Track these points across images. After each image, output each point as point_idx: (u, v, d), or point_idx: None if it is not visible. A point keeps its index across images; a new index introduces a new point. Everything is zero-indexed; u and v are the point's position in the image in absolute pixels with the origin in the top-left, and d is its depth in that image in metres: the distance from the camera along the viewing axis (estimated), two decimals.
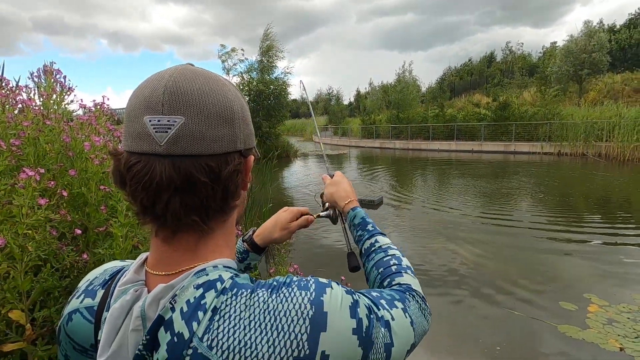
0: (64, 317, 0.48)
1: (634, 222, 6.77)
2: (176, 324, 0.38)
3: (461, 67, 48.71)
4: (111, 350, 0.40)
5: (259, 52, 20.56)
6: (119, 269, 0.49)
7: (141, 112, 0.41)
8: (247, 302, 0.40)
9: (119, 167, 0.43)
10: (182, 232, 0.43)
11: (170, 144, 0.40)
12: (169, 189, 0.40)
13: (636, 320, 3.36)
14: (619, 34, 31.42)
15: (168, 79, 0.42)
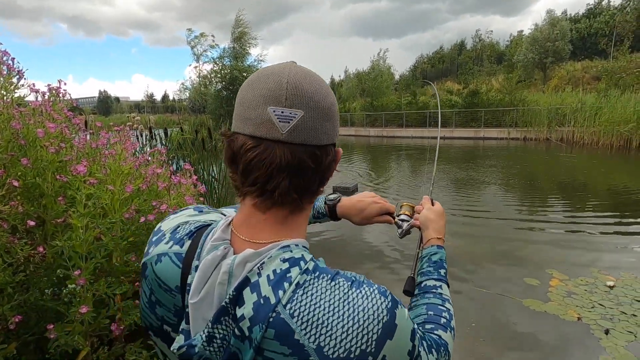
0: (152, 256, 0.53)
1: (591, 203, 7.22)
2: (263, 288, 0.44)
3: (433, 54, 49.45)
4: (200, 296, 0.46)
5: (231, 38, 19.96)
6: (203, 224, 0.55)
7: (264, 102, 0.47)
8: (327, 286, 0.45)
9: (233, 147, 0.49)
10: (278, 205, 0.50)
11: (290, 133, 0.47)
12: (284, 170, 0.47)
13: (592, 292, 3.61)
14: (580, 24, 32.86)
15: (288, 76, 0.48)
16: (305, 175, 0.49)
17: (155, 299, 0.52)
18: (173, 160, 5.13)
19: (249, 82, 0.51)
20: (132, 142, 2.08)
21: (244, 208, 0.52)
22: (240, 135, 0.49)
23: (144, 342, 1.51)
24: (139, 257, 1.65)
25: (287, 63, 0.52)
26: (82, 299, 1.34)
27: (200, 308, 0.46)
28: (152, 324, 0.54)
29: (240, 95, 0.51)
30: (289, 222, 0.51)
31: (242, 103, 0.50)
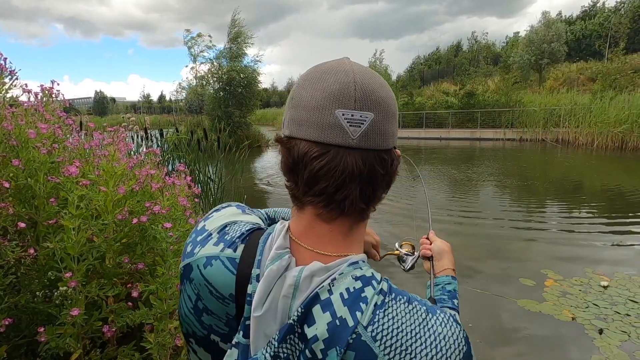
0: (199, 258, 0.49)
1: (586, 204, 7.27)
2: (337, 308, 0.41)
3: (429, 55, 49.64)
4: (263, 309, 0.42)
5: (228, 39, 19.91)
6: (253, 227, 0.51)
7: (331, 104, 0.43)
8: (406, 309, 0.43)
9: (293, 154, 0.45)
10: (344, 215, 0.46)
11: (361, 138, 0.44)
12: (355, 179, 0.44)
13: (586, 292, 3.63)
14: (575, 25, 33.10)
15: (354, 74, 0.45)
16: (375, 183, 0.46)
17: (202, 306, 0.48)
18: (169, 161, 5.11)
19: (307, 81, 0.47)
20: (127, 142, 2.07)
21: (303, 217, 0.48)
22: (301, 141, 0.45)
23: (137, 344, 1.50)
24: (132, 259, 1.64)
25: (343, 59, 0.48)
26: (73, 301, 1.33)
27: (262, 322, 0.42)
28: (195, 333, 0.50)
29: (298, 96, 0.47)
30: (353, 233, 0.49)
31: (301, 105, 0.46)
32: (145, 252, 1.71)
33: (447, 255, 0.87)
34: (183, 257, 0.53)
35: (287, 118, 0.49)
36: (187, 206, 1.80)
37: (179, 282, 0.53)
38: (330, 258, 0.46)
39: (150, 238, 1.63)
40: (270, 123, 42.47)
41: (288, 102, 0.49)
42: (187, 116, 21.25)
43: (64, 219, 1.35)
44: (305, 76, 0.48)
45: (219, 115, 19.11)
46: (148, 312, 1.42)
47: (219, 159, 5.80)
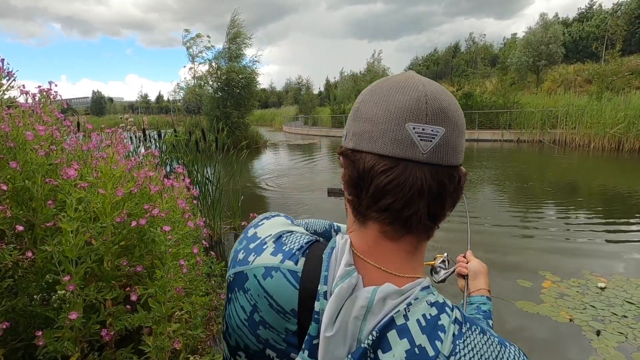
0: (256, 267, 0.47)
1: (584, 205, 7.30)
2: (415, 335, 0.40)
3: (427, 56, 49.76)
4: (335, 329, 0.40)
5: (226, 39, 19.90)
6: (312, 240, 0.50)
7: (402, 117, 0.43)
8: (481, 340, 0.43)
9: (358, 167, 0.45)
10: (411, 234, 0.45)
11: (431, 153, 0.43)
12: (424, 195, 0.43)
13: (584, 293, 3.64)
14: (572, 27, 33.27)
15: (424, 88, 0.44)
16: (443, 200, 0.45)
17: (259, 319, 0.46)
18: (167, 162, 5.09)
19: (375, 94, 0.46)
20: (125, 144, 2.06)
21: (367, 232, 0.47)
22: (367, 154, 0.44)
23: (135, 347, 1.49)
24: (130, 262, 1.63)
25: (410, 73, 0.48)
26: (71, 305, 1.32)
27: (332, 343, 0.40)
28: (248, 346, 0.47)
29: (365, 109, 0.46)
30: (417, 251, 0.48)
31: (368, 118, 0.45)
32: (144, 255, 1.70)
33: (483, 276, 0.87)
34: (233, 264, 0.51)
35: (351, 131, 0.48)
36: (186, 209, 1.79)
37: (227, 291, 0.51)
38: (399, 279, 0.45)
39: (149, 241, 1.63)
40: (268, 124, 42.44)
41: (352, 115, 0.48)
42: (185, 116, 21.21)
43: (62, 221, 1.34)
44: (373, 89, 0.47)
45: (217, 116, 19.09)
46: (146, 315, 1.41)
47: (217, 160, 5.78)
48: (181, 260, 1.48)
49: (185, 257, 1.64)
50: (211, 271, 2.15)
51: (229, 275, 0.51)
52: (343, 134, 0.51)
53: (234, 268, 0.50)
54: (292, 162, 14.82)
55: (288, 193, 8.85)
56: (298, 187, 9.49)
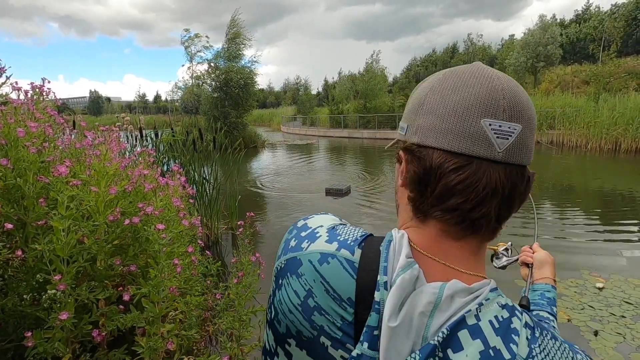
0: (310, 253, 0.46)
1: (581, 205, 7.32)
2: (489, 336, 0.39)
3: (425, 57, 49.85)
4: (399, 320, 0.39)
5: (226, 38, 19.87)
6: (366, 234, 0.48)
7: (476, 112, 0.41)
8: (555, 347, 0.42)
9: (424, 164, 0.43)
10: (475, 234, 0.44)
11: (507, 151, 0.41)
12: (497, 196, 0.41)
13: (582, 293, 3.64)
14: (569, 29, 33.42)
15: (500, 81, 0.42)
16: (514, 201, 0.43)
17: (314, 304, 0.44)
18: (164, 161, 5.06)
19: (443, 86, 0.44)
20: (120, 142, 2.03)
21: (426, 230, 0.45)
22: (435, 150, 0.42)
23: (128, 348, 1.46)
24: (124, 261, 1.61)
25: (477, 63, 0.45)
26: (62, 305, 1.30)
27: (395, 335, 0.39)
28: (301, 332, 0.45)
29: (432, 102, 0.44)
30: (480, 251, 0.46)
31: (436, 111, 0.43)
32: (138, 254, 1.68)
33: (550, 266, 0.87)
34: (285, 251, 0.49)
35: (414, 124, 0.45)
36: (181, 207, 1.77)
37: (275, 279, 0.49)
38: (464, 276, 0.43)
39: (143, 240, 1.60)
40: (266, 124, 42.39)
41: (415, 107, 0.46)
42: (182, 116, 21.16)
43: (54, 220, 1.31)
44: (440, 80, 0.45)
45: (215, 116, 19.05)
46: (140, 316, 1.38)
47: (214, 159, 5.76)
48: (175, 259, 1.45)
49: (180, 257, 1.61)
50: (207, 271, 2.12)
51: (280, 263, 0.49)
52: (401, 127, 0.49)
53: (286, 255, 0.48)
54: (290, 162, 14.79)
55: (286, 193, 8.83)
56: (296, 187, 9.47)
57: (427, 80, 0.49)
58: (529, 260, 0.89)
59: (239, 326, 1.71)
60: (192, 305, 1.64)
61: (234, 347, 1.67)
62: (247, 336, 1.75)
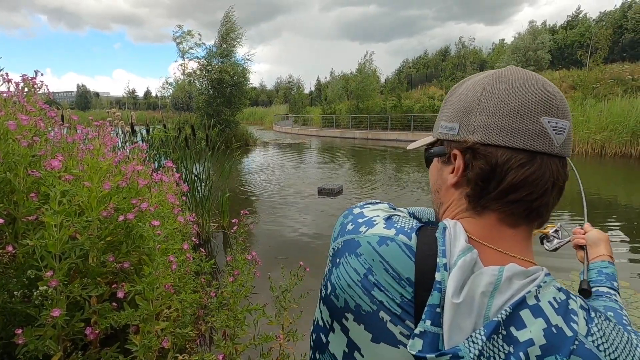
0: (369, 236, 0.48)
1: (568, 209, 7.47)
2: (550, 316, 0.41)
3: (417, 59, 50.27)
4: (462, 298, 0.41)
5: (218, 36, 19.70)
6: (421, 224, 0.50)
7: (536, 111, 0.45)
8: (610, 327, 0.43)
9: (490, 161, 0.45)
10: (529, 223, 0.48)
11: (562, 145, 0.46)
12: (556, 187, 0.46)
13: None
14: (558, 35, 34.08)
15: (546, 84, 0.47)
16: (562, 192, 0.48)
17: (374, 280, 0.46)
18: (155, 158, 4.99)
19: (500, 87, 0.47)
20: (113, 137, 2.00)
21: (481, 221, 0.48)
22: (499, 148, 0.45)
23: (121, 346, 1.44)
24: (117, 258, 1.58)
25: (515, 67, 0.49)
26: (54, 302, 1.27)
27: (459, 311, 0.41)
28: (360, 306, 0.46)
29: (491, 102, 0.47)
30: (530, 237, 0.49)
31: (497, 111, 0.46)
32: (131, 251, 1.65)
33: (604, 244, 0.88)
34: (342, 233, 0.52)
35: (471, 124, 0.48)
36: (176, 203, 1.75)
37: (332, 259, 0.51)
38: (519, 261, 0.46)
39: (137, 236, 1.58)
40: (258, 122, 42.16)
41: (469, 108, 0.49)
42: (173, 113, 20.91)
43: (45, 215, 1.28)
44: (492, 82, 0.48)
45: (207, 113, 18.87)
46: (133, 313, 1.37)
47: (207, 157, 5.70)
48: (171, 256, 1.43)
49: (175, 254, 1.59)
50: (200, 269, 2.10)
51: (337, 244, 0.51)
52: (447, 127, 0.52)
53: (343, 237, 0.51)
54: (282, 161, 14.75)
55: (277, 192, 8.80)
56: (288, 187, 9.44)
57: (470, 82, 0.52)
58: (582, 242, 0.90)
59: (234, 324, 1.70)
60: (186, 303, 1.62)
61: (228, 345, 1.66)
62: (241, 335, 1.74)
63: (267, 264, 4.49)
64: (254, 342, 1.73)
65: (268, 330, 1.90)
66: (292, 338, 1.86)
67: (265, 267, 4.43)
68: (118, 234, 1.64)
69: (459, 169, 0.49)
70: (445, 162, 0.52)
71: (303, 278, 1.92)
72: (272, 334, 1.81)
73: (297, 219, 6.47)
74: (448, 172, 0.51)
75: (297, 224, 6.19)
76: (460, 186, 0.50)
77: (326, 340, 0.50)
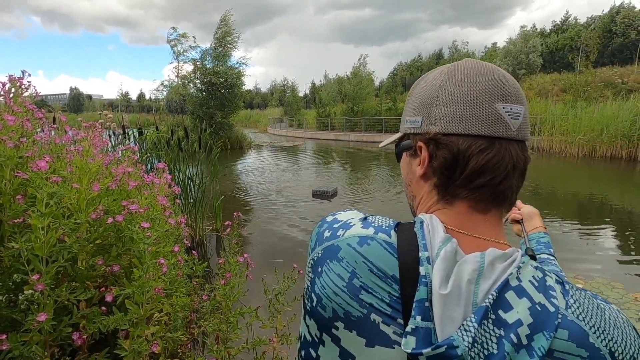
0: (347, 238, 0.48)
1: (561, 209, 7.54)
2: (533, 294, 0.42)
3: (411, 62, 50.62)
4: (449, 289, 0.41)
5: (214, 38, 19.64)
6: (398, 222, 0.51)
7: (491, 98, 0.46)
8: (584, 296, 0.45)
9: (452, 149, 0.47)
10: (500, 206, 0.49)
11: (519, 129, 0.47)
12: (517, 169, 0.48)
13: None
14: (549, 38, 34.57)
15: (499, 71, 0.49)
16: (523, 175, 0.50)
17: (360, 284, 0.45)
18: (148, 160, 4.94)
19: (455, 78, 0.49)
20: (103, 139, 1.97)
21: (453, 210, 0.50)
22: (460, 137, 0.47)
23: (110, 351, 1.41)
24: (106, 261, 1.55)
25: (470, 60, 0.51)
26: (41, 306, 1.24)
27: (448, 302, 0.41)
28: (349, 312, 0.45)
29: (448, 93, 0.48)
30: (501, 222, 0.51)
31: (455, 101, 0.48)
32: (121, 254, 1.62)
33: (537, 217, 0.95)
34: (320, 242, 0.51)
35: (432, 116, 0.50)
36: (167, 205, 1.72)
37: (312, 269, 0.50)
38: (495, 244, 0.47)
39: (127, 239, 1.55)
40: (253, 125, 42.07)
41: (428, 100, 0.50)
42: (167, 115, 20.78)
43: (32, 217, 1.25)
44: (448, 75, 0.50)
45: (201, 116, 18.77)
46: (123, 317, 1.34)
47: (200, 159, 5.67)
48: (161, 259, 1.41)
49: (166, 256, 1.57)
50: (192, 272, 2.07)
51: (315, 253, 0.51)
52: (411, 121, 0.53)
53: (322, 244, 0.50)
54: (277, 164, 14.71)
55: (272, 195, 8.77)
56: (282, 189, 9.42)
57: (430, 77, 0.53)
58: (518, 216, 0.96)
59: (226, 328, 1.67)
60: (178, 307, 1.59)
61: (220, 349, 1.63)
62: (234, 338, 1.72)
63: (261, 266, 4.46)
64: (247, 345, 1.71)
65: (261, 333, 1.88)
66: (286, 341, 1.83)
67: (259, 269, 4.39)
68: (108, 237, 1.61)
69: (424, 161, 0.51)
70: (412, 155, 0.54)
71: (296, 281, 1.90)
72: (266, 337, 1.78)
73: (291, 222, 6.45)
74: (416, 165, 0.53)
75: (291, 227, 6.17)
76: (428, 177, 0.51)
77: (316, 354, 0.48)
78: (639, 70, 23.61)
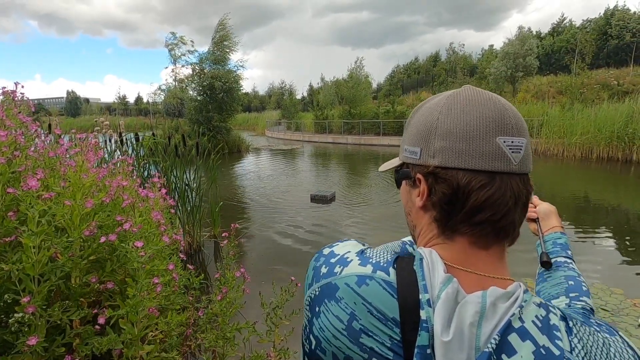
0: (345, 277, 0.46)
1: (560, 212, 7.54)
2: (537, 337, 0.41)
3: (408, 65, 50.77)
4: (451, 334, 0.40)
5: (212, 42, 19.66)
6: (395, 255, 0.49)
7: (491, 132, 0.45)
8: (587, 331, 0.44)
9: (452, 184, 0.46)
10: (502, 241, 0.48)
11: (520, 163, 0.46)
12: (519, 204, 0.46)
13: None
14: (545, 40, 34.77)
15: (499, 102, 0.47)
16: (526, 208, 0.48)
17: (360, 327, 0.44)
18: (144, 166, 4.91)
19: (454, 110, 0.47)
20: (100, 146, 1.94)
21: (453, 245, 0.48)
22: (459, 171, 0.45)
23: None
24: (100, 277, 1.52)
25: (469, 87, 0.50)
26: (32, 328, 1.21)
27: (450, 349, 0.40)
28: (350, 357, 0.44)
29: (446, 125, 0.47)
30: (504, 256, 0.49)
31: (453, 134, 0.46)
32: (116, 270, 1.60)
33: (554, 215, 0.92)
34: (317, 278, 0.49)
35: (430, 148, 0.48)
36: (162, 221, 1.70)
37: (310, 308, 0.49)
38: (497, 281, 0.46)
39: (121, 255, 1.53)
40: (251, 128, 42.03)
41: (426, 131, 0.49)
42: (164, 119, 20.74)
43: (24, 236, 1.23)
44: (447, 106, 0.48)
45: (199, 120, 18.75)
46: (116, 338, 1.31)
47: (197, 164, 5.64)
48: (155, 278, 1.38)
49: (160, 274, 1.54)
50: (189, 284, 2.05)
51: (313, 291, 0.49)
52: (410, 151, 0.52)
53: (319, 282, 0.49)
54: (275, 167, 14.69)
55: (270, 199, 8.74)
56: (280, 193, 9.39)
57: (428, 105, 0.52)
58: (534, 215, 0.92)
59: (223, 344, 1.65)
60: (173, 325, 1.57)
61: None
62: (231, 354, 1.69)
63: (258, 273, 4.43)
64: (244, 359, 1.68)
65: (259, 347, 1.85)
66: (284, 356, 1.81)
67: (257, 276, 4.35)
68: (102, 252, 1.59)
69: (424, 193, 0.49)
70: (412, 185, 0.53)
71: (294, 294, 1.88)
72: (263, 352, 1.76)
73: (289, 227, 6.42)
74: (415, 195, 0.51)
75: (289, 232, 6.14)
76: (427, 209, 0.50)
77: None
78: (634, 72, 23.77)
